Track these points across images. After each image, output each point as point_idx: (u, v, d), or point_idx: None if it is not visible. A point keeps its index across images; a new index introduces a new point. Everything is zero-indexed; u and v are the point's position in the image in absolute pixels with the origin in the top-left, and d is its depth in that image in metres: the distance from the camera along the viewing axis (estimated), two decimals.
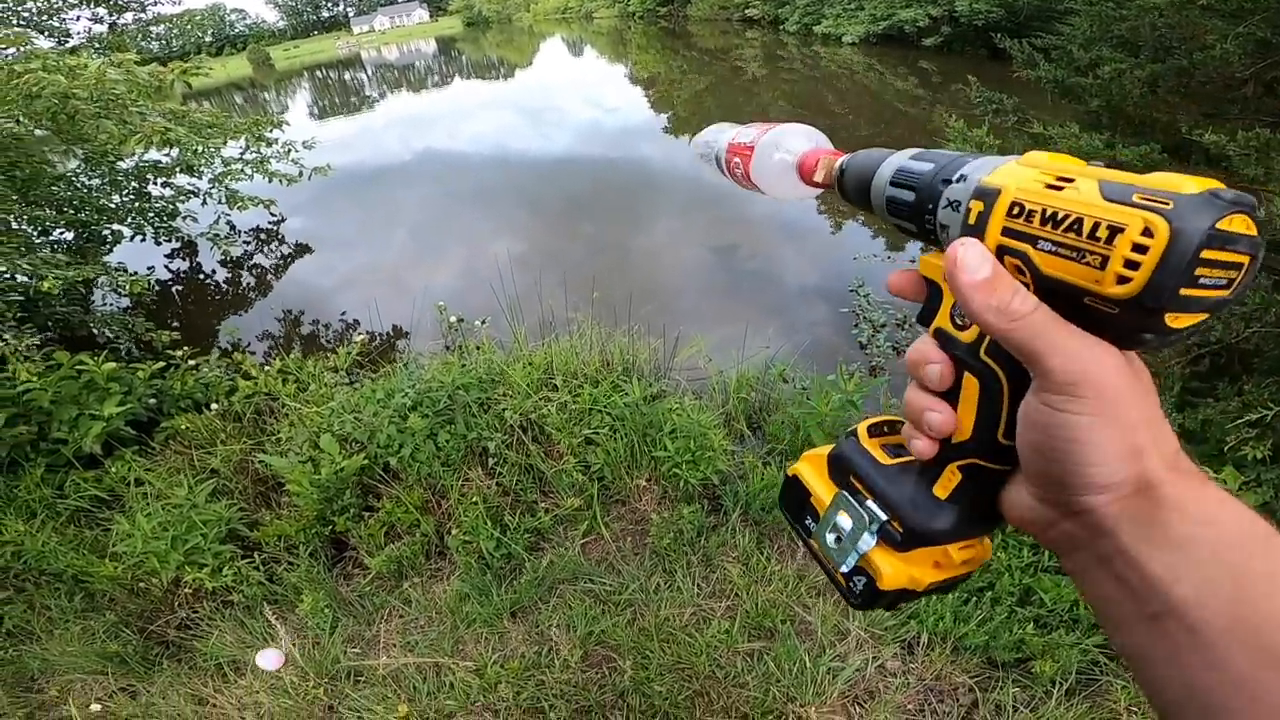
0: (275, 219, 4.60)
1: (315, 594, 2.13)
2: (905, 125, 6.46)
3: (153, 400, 2.85)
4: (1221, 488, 0.31)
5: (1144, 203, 0.27)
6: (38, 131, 3.02)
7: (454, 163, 6.20)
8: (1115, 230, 0.27)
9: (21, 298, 2.92)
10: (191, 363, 2.99)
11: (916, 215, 0.38)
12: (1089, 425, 0.30)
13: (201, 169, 3.98)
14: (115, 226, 3.74)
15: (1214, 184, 0.27)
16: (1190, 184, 0.27)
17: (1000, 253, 0.32)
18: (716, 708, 1.85)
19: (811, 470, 0.46)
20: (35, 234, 3.26)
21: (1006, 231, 0.32)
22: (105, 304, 3.55)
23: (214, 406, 2.77)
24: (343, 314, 3.96)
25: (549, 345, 2.80)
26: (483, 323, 3.07)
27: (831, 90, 7.78)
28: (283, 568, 2.25)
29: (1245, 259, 0.27)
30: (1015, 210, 0.31)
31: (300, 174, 4.25)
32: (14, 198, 3.01)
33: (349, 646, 2.07)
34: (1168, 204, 0.26)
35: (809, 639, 1.97)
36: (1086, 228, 0.28)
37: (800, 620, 2.02)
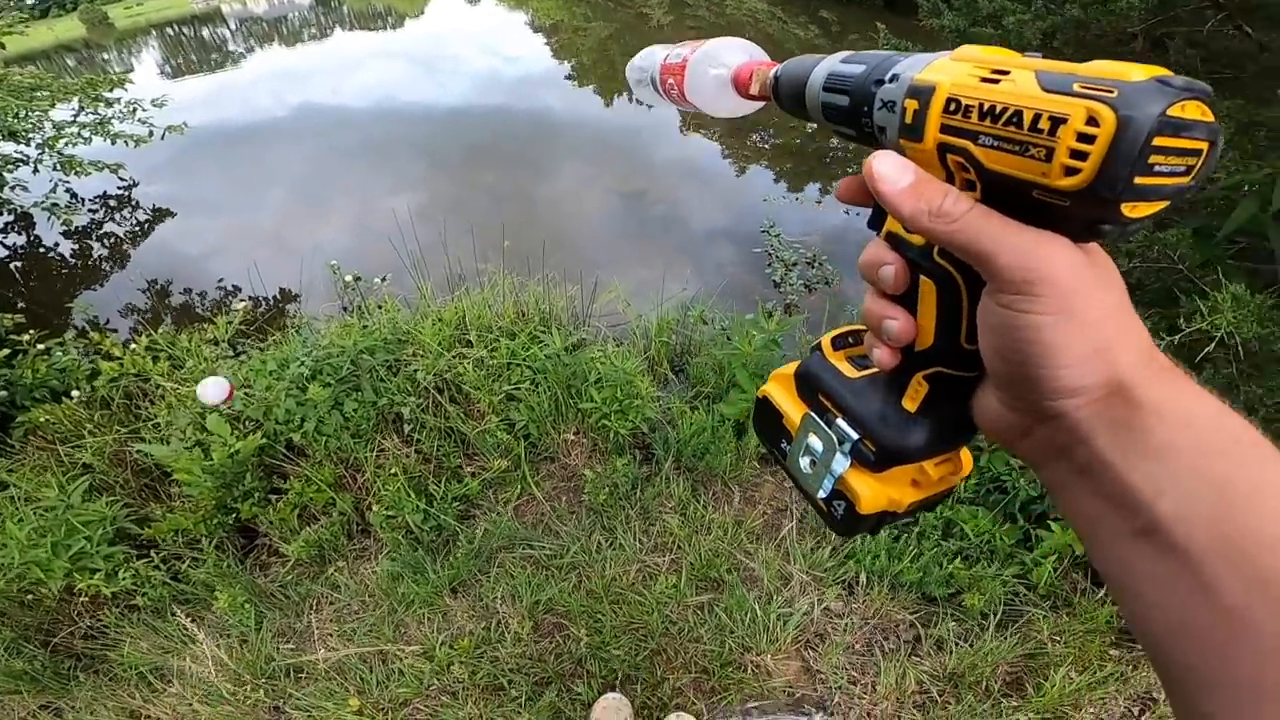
0: (125, 184, 4.08)
1: (231, 589, 1.94)
2: None
3: (3, 393, 2.46)
4: (1202, 388, 0.29)
5: (1087, 92, 0.25)
6: None
7: (338, 117, 5.69)
8: (1057, 121, 0.26)
9: None
10: (41, 347, 2.59)
11: (853, 119, 0.36)
12: (1048, 325, 0.28)
13: (28, 134, 3.46)
14: None
15: (1161, 71, 0.26)
16: (1136, 71, 0.25)
17: (942, 151, 0.31)
18: (676, 664, 1.83)
19: (781, 390, 0.43)
20: None
21: (945, 129, 0.30)
22: None
23: (75, 394, 2.42)
24: (220, 281, 3.56)
25: (459, 300, 2.61)
26: (383, 280, 2.82)
27: (733, 34, 7.74)
28: (187, 564, 2.02)
29: (1203, 145, 0.26)
30: (952, 107, 0.30)
31: (150, 134, 3.83)
32: None
33: (280, 642, 1.91)
34: (1112, 92, 0.25)
35: (755, 586, 1.97)
36: (1027, 120, 0.27)
37: (744, 568, 2.01)
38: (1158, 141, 0.25)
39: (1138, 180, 0.25)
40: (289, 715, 1.74)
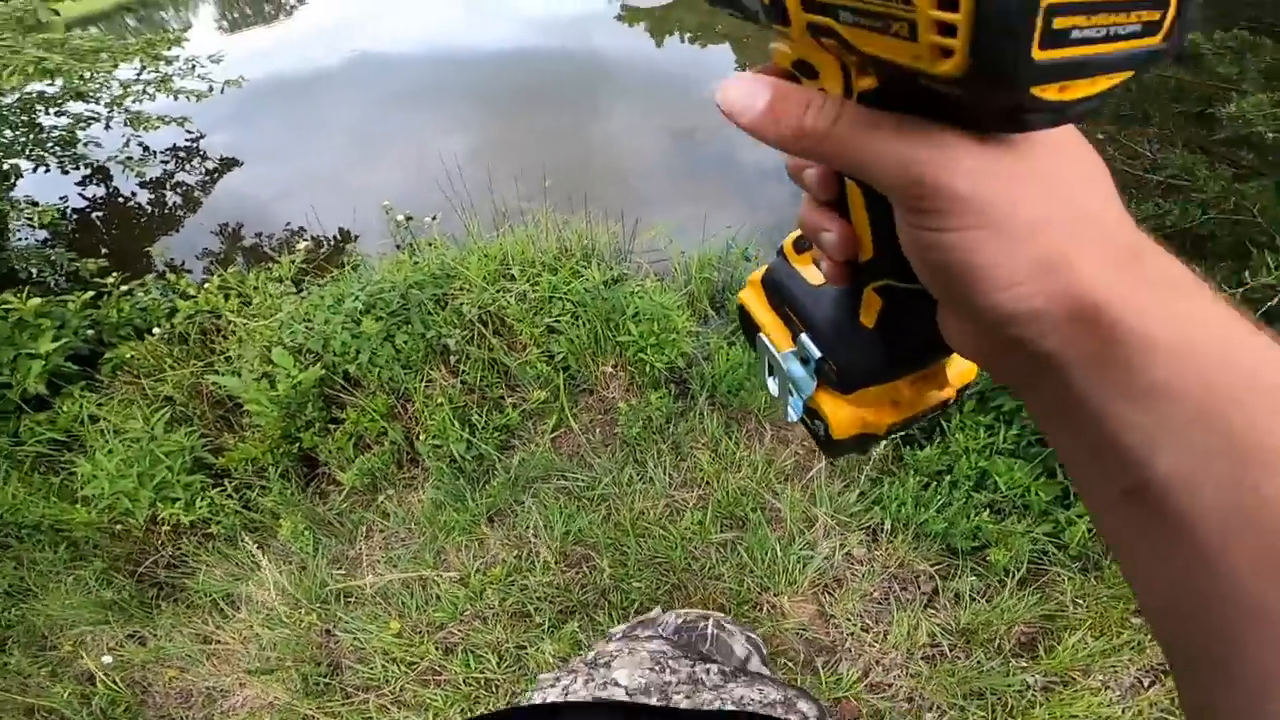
0: (193, 136, 4.23)
1: (293, 517, 2.07)
2: None
3: (90, 331, 2.65)
4: (1214, 298, 0.22)
5: None
6: None
7: (391, 64, 5.67)
8: None
9: None
10: (124, 288, 2.76)
11: (734, 1, 0.28)
12: (965, 242, 0.22)
13: (96, 95, 3.62)
14: (12, 161, 3.42)
15: None
16: None
17: (813, 33, 0.24)
18: (695, 600, 1.86)
19: (755, 298, 0.39)
20: None
21: (805, 5, 0.23)
22: (19, 240, 3.25)
23: (156, 331, 2.59)
24: (287, 224, 3.71)
25: (504, 236, 2.63)
26: (433, 219, 2.86)
27: None
28: (256, 493, 2.17)
29: None
30: None
31: (210, 89, 3.93)
32: None
33: (334, 568, 2.03)
34: None
35: (779, 527, 1.96)
36: None
37: (770, 507, 2.00)
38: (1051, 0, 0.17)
39: (1040, 55, 0.18)
40: (337, 638, 1.87)
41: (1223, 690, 0.21)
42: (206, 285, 2.67)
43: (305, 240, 3.22)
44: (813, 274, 0.35)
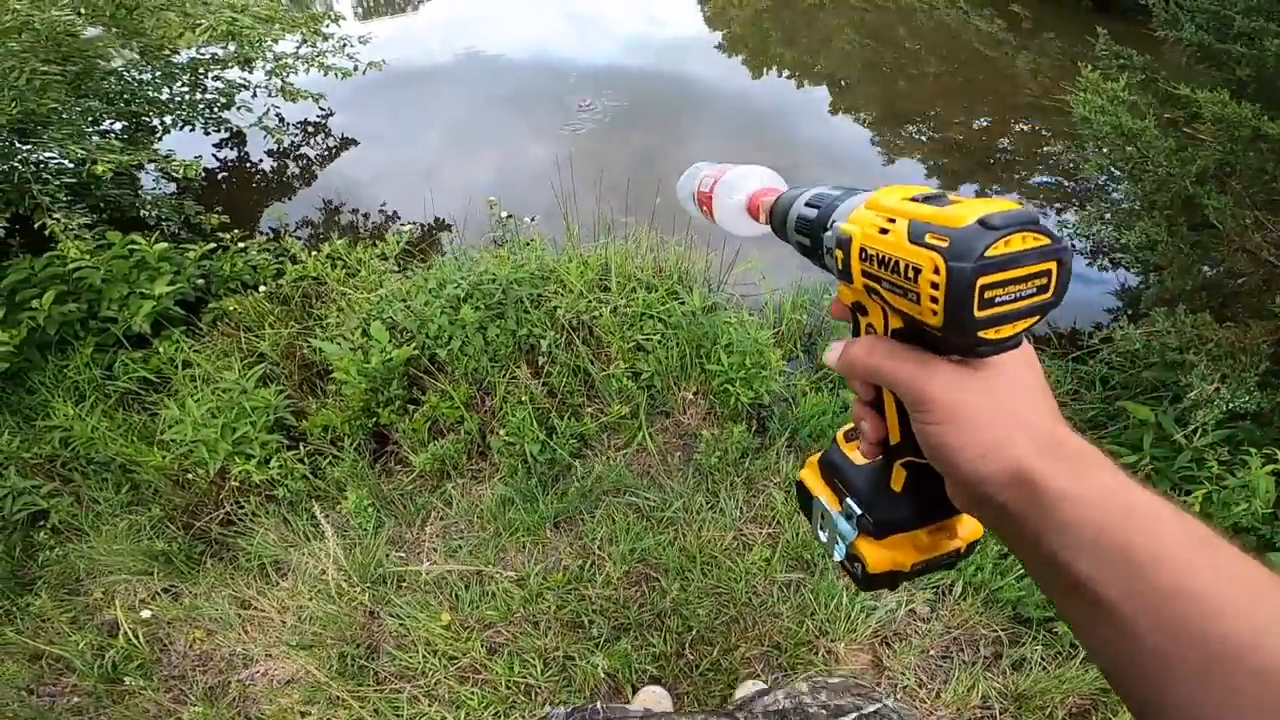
0: (324, 113, 4.38)
1: (359, 491, 2.05)
2: (981, 68, 5.84)
3: (200, 281, 2.73)
4: (1112, 466, 0.32)
5: (932, 242, 0.29)
6: (89, 30, 2.85)
7: (499, 66, 5.81)
8: (917, 270, 0.30)
9: (73, 180, 2.80)
10: (241, 245, 2.84)
11: (817, 257, 0.41)
12: (941, 433, 0.34)
13: (257, 63, 3.77)
14: (164, 119, 3.59)
15: (992, 207, 0.29)
16: (968, 214, 0.29)
17: (868, 291, 0.36)
18: (750, 635, 1.79)
19: (811, 474, 0.50)
20: (86, 124, 3.15)
21: (864, 274, 0.35)
22: (154, 189, 3.40)
23: (261, 289, 2.64)
24: (383, 204, 3.79)
25: (604, 246, 2.60)
26: (532, 219, 2.87)
27: (905, 24, 7.01)
28: (327, 461, 2.16)
29: (1043, 266, 0.30)
30: (864, 255, 0.34)
31: (355, 68, 4.03)
32: (64, 90, 2.86)
33: (392, 549, 2.00)
34: (945, 241, 0.29)
35: (845, 576, 1.87)
36: (902, 269, 0.31)
37: None
38: (984, 280, 0.28)
39: (981, 314, 0.29)
40: (383, 621, 1.83)
41: (1148, 712, 0.29)
42: (316, 253, 2.72)
43: (406, 224, 3.28)
44: (856, 456, 0.46)
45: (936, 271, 0.29)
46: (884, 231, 0.33)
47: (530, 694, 1.75)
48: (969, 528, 0.44)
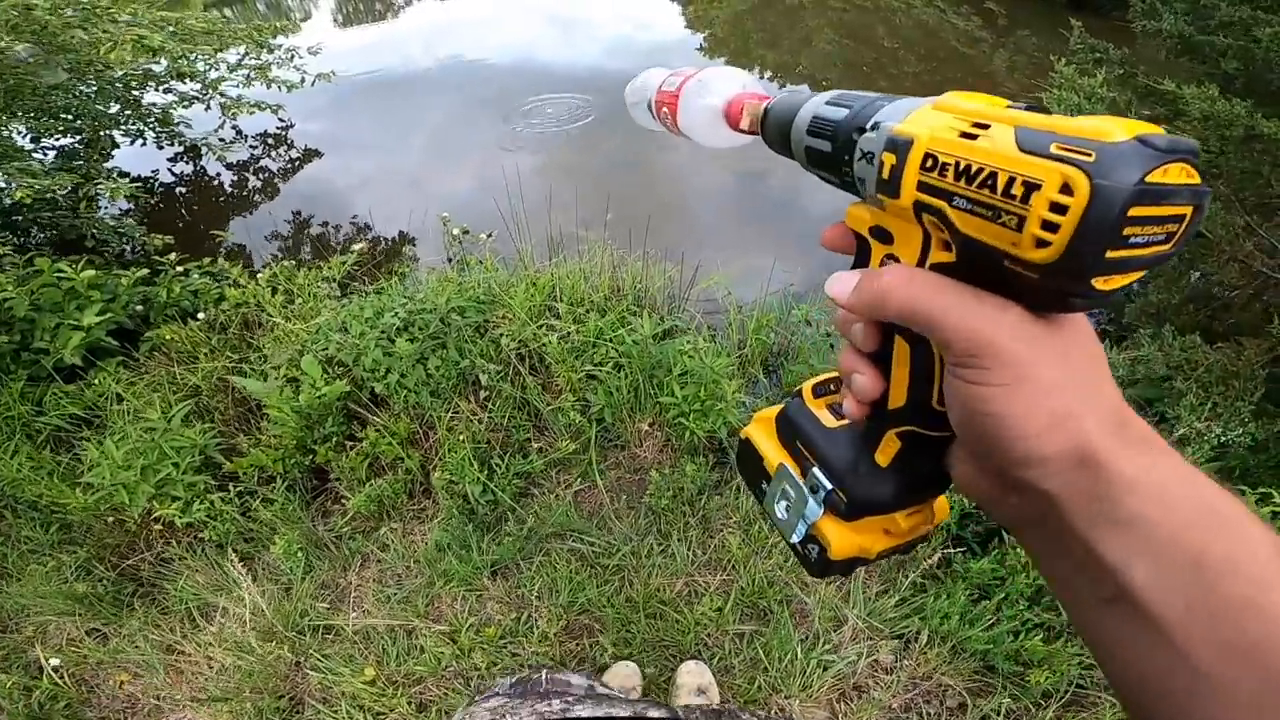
0: (283, 124, 4.19)
1: (290, 534, 1.88)
2: (959, 66, 5.70)
3: (140, 307, 2.54)
4: (1179, 455, 0.27)
5: (1063, 154, 0.22)
6: (18, 47, 2.68)
7: (478, 71, 5.62)
8: (1031, 187, 0.23)
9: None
10: (180, 269, 2.66)
11: (834, 167, 0.33)
12: (1002, 395, 0.26)
13: (198, 75, 3.64)
14: (109, 133, 3.43)
15: (1147, 128, 0.23)
16: (1119, 130, 0.22)
17: (917, 210, 0.28)
18: None
19: (762, 433, 0.42)
20: (27, 142, 2.98)
21: (921, 186, 0.27)
22: (104, 210, 3.22)
23: (200, 316, 2.46)
24: (354, 216, 3.63)
25: (555, 266, 2.41)
26: (488, 236, 2.67)
27: (884, 23, 6.86)
28: (259, 501, 1.99)
29: (1186, 210, 0.23)
30: (929, 163, 0.27)
31: (302, 80, 3.87)
32: None
33: (321, 594, 1.85)
34: (1089, 155, 0.22)
35: (803, 624, 1.72)
36: (1001, 183, 0.24)
37: (797, 601, 1.76)
38: (1134, 212, 0.22)
39: (1110, 254, 0.23)
40: (306, 674, 1.67)
41: None
42: (258, 275, 2.54)
43: (361, 241, 3.10)
44: (826, 417, 0.38)
45: (1066, 191, 0.22)
46: (969, 136, 0.26)
47: None
48: (940, 509, 0.38)
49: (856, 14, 6.98)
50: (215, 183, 3.92)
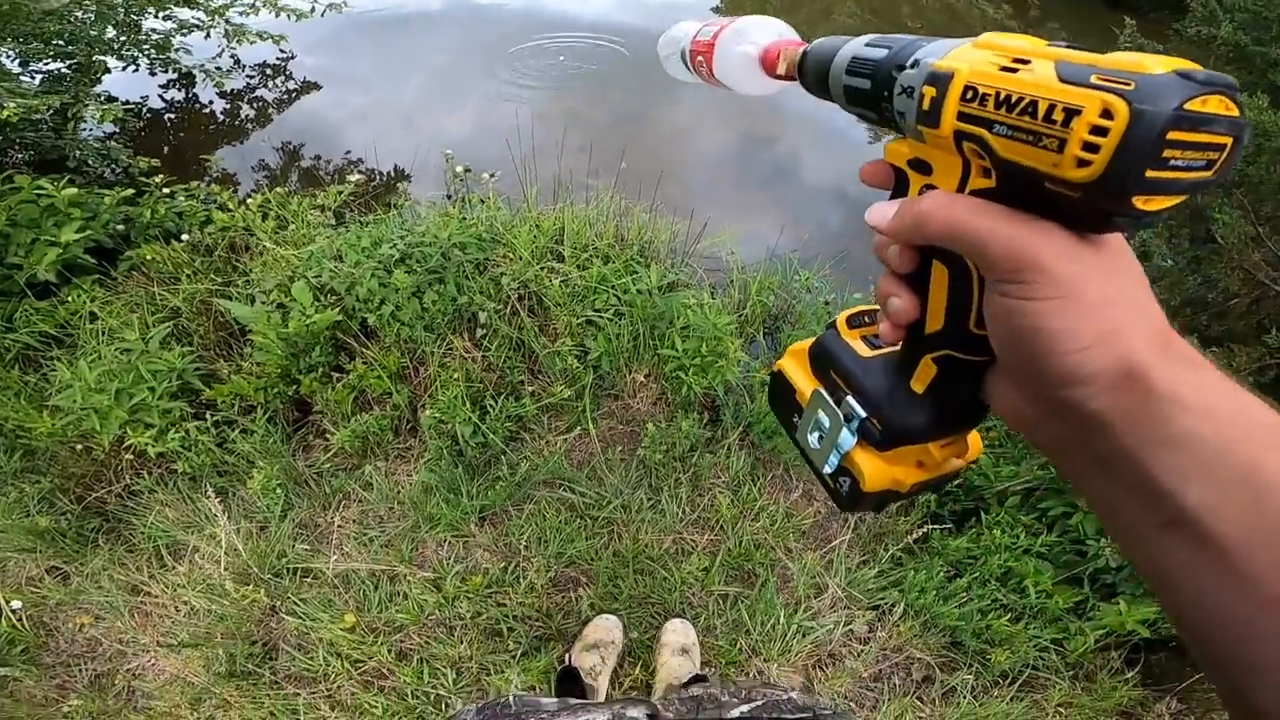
0: (284, 55, 3.99)
1: (269, 469, 1.78)
2: None
3: (121, 227, 2.40)
4: (1222, 373, 0.26)
5: (1103, 84, 0.24)
6: None
7: (485, 14, 5.38)
8: (1072, 112, 0.24)
9: None
10: (166, 190, 2.51)
11: (874, 103, 0.33)
12: (1048, 310, 0.26)
13: (202, 2, 3.42)
14: (102, 58, 3.24)
15: (1186, 64, 0.24)
16: (1157, 64, 0.24)
17: (958, 139, 0.29)
18: None
19: (795, 365, 0.42)
20: (15, 67, 2.83)
21: (962, 116, 0.28)
22: (90, 132, 3.04)
23: (185, 238, 2.33)
24: (347, 152, 3.46)
25: (561, 210, 2.30)
26: (491, 176, 2.55)
27: (910, 3, 6.68)
28: (237, 432, 1.88)
29: (1226, 140, 0.24)
30: (969, 94, 0.28)
31: (312, 10, 3.66)
32: None
33: (300, 534, 1.76)
34: (1129, 84, 0.23)
35: (786, 590, 1.69)
36: (1042, 110, 0.25)
37: (781, 566, 1.72)
38: (1173, 135, 0.23)
39: (1150, 174, 0.23)
40: (282, 619, 1.59)
41: (1269, 691, 0.23)
42: (248, 201, 2.40)
43: (357, 173, 2.95)
44: (861, 347, 0.38)
45: (1107, 115, 0.23)
46: (1010, 70, 0.26)
47: (440, 704, 1.54)
48: (975, 445, 0.37)
49: None
50: (206, 110, 3.72)
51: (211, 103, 3.73)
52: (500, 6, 5.41)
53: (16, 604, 1.64)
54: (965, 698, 1.56)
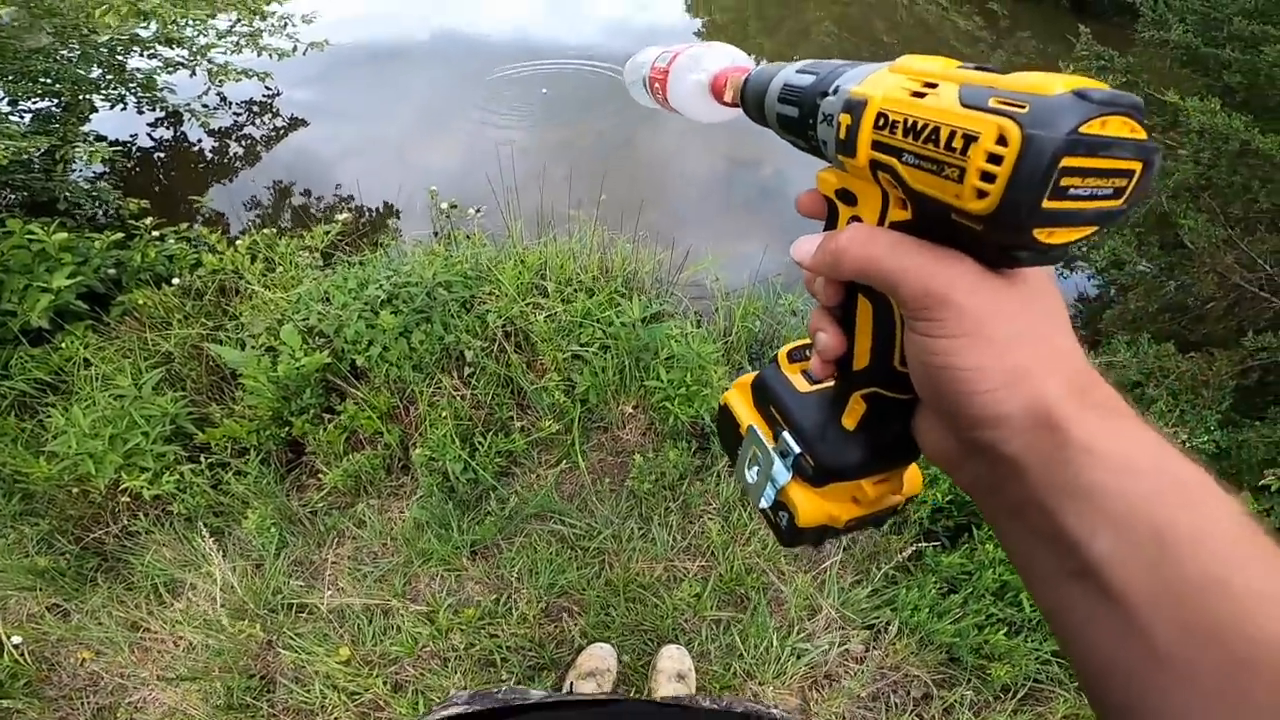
0: (270, 92, 4.03)
1: (263, 508, 1.80)
2: None
3: (112, 271, 2.42)
4: (1144, 422, 0.26)
5: (1000, 107, 0.22)
6: (1, 10, 2.52)
7: (475, 45, 5.45)
8: (970, 139, 0.23)
9: None
10: (156, 233, 2.53)
11: (801, 131, 0.33)
12: (957, 348, 0.26)
13: (186, 41, 3.48)
14: (89, 97, 3.28)
15: (1087, 82, 0.22)
16: (1056, 84, 0.22)
17: (873, 168, 0.28)
18: None
19: (740, 398, 0.41)
20: (4, 106, 2.89)
21: (876, 145, 0.27)
22: (80, 172, 3.07)
23: (175, 281, 2.35)
24: (337, 187, 3.50)
25: (545, 244, 2.33)
26: (477, 211, 2.58)
27: (885, 18, 6.76)
28: (231, 473, 1.90)
29: (1133, 165, 0.23)
30: (880, 122, 0.27)
31: (294, 49, 3.72)
32: None
33: (295, 571, 1.77)
34: (1023, 107, 0.22)
35: (779, 612, 1.70)
36: (943, 137, 0.24)
37: (774, 590, 1.74)
38: (1068, 162, 0.22)
39: (1048, 204, 0.22)
40: (278, 653, 1.60)
41: None
42: (237, 243, 2.42)
43: (346, 212, 2.98)
44: (800, 382, 0.37)
45: (1002, 141, 0.21)
46: (918, 95, 0.25)
47: None
48: (911, 480, 0.37)
49: (858, 7, 6.88)
50: (195, 149, 3.76)
51: (200, 140, 3.77)
52: (484, 37, 5.48)
53: (18, 639, 1.66)
54: (965, 713, 1.57)
